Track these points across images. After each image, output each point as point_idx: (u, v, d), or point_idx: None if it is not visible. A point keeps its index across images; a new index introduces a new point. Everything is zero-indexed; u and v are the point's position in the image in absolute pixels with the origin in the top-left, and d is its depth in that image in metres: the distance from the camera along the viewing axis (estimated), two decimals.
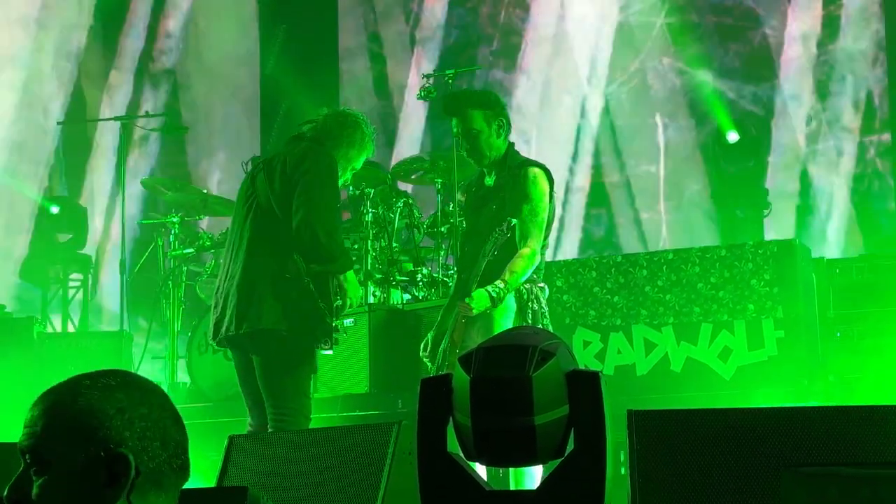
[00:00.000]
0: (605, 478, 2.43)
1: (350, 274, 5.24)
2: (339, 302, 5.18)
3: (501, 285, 5.04)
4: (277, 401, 5.14)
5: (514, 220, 5.08)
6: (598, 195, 10.58)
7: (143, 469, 1.90)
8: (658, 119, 10.32)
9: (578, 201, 10.58)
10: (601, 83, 10.54)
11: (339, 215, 5.22)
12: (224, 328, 5.19)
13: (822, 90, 9.86)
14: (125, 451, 1.88)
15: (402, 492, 3.45)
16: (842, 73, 9.71)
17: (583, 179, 10.59)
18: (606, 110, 10.48)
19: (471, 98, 5.35)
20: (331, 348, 5.22)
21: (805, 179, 9.80)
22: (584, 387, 2.45)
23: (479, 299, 5.03)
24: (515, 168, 5.27)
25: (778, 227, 9.25)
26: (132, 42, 11.82)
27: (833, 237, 9.37)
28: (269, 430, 5.10)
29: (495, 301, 5.04)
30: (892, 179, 9.32)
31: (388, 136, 11.06)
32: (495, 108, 5.31)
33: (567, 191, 10.42)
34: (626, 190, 10.46)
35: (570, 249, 10.26)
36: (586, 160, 10.58)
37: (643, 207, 10.42)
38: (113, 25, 11.79)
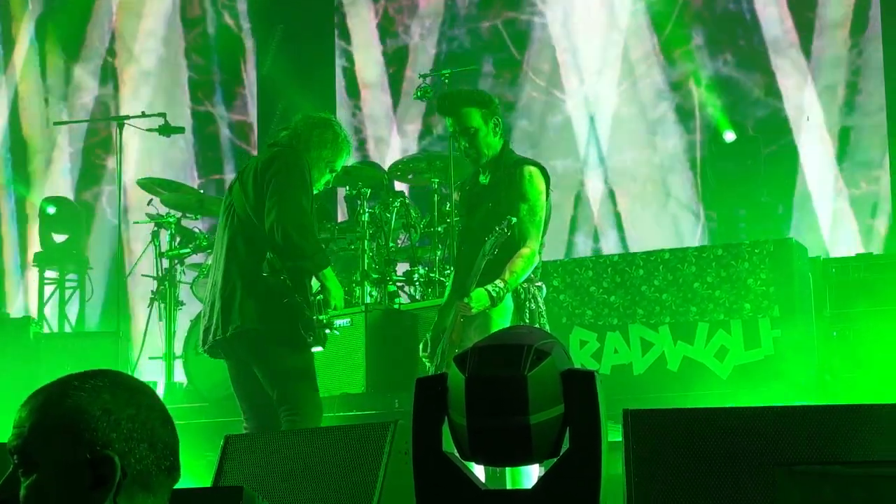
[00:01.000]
0: (599, 477, 2.43)
1: (328, 271, 5.29)
2: (319, 297, 5.23)
3: (501, 285, 5.05)
4: (285, 399, 5.19)
5: (514, 219, 5.08)
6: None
7: (130, 471, 1.88)
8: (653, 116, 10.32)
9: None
10: (595, 81, 10.54)
11: (311, 214, 5.25)
12: (212, 334, 5.28)
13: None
14: (111, 453, 1.87)
15: (399, 491, 3.45)
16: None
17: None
18: (601, 108, 10.48)
19: (467, 97, 5.34)
20: (318, 343, 5.24)
21: (802, 178, 9.80)
22: (579, 386, 2.45)
23: (478, 298, 5.04)
24: (511, 166, 5.27)
25: (775, 226, 9.25)
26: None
27: (829, 236, 9.37)
28: (283, 429, 5.13)
29: (495, 300, 5.04)
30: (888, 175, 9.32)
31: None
32: (491, 106, 5.31)
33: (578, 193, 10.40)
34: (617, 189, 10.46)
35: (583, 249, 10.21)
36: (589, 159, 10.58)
37: (639, 206, 10.41)
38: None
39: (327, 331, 5.26)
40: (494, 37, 10.73)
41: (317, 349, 5.30)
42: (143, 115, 8.69)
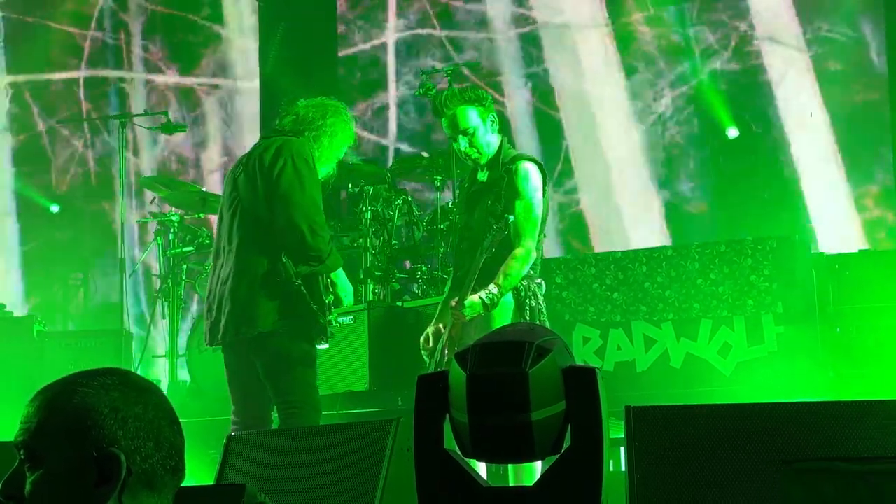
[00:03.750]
0: (601, 474, 2.43)
1: (339, 272, 5.25)
2: (330, 298, 5.20)
3: (495, 290, 5.03)
4: (285, 396, 5.16)
5: (511, 217, 5.07)
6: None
7: (136, 469, 1.89)
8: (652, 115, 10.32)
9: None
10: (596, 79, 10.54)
11: (321, 208, 5.18)
12: (221, 333, 5.20)
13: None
14: (117, 451, 1.88)
15: (401, 489, 3.45)
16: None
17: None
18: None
19: (463, 96, 5.30)
20: (327, 342, 5.25)
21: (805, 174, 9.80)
22: (581, 383, 2.45)
23: (471, 306, 5.03)
24: (508, 163, 5.25)
25: (777, 222, 9.24)
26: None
27: (833, 232, 9.36)
28: (279, 425, 5.13)
29: (488, 307, 5.04)
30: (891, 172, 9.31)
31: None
32: (486, 103, 5.30)
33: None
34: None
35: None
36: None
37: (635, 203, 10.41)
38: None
39: (331, 330, 5.26)
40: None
41: (324, 346, 5.30)
42: (146, 113, 8.70)
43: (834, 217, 9.31)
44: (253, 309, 5.11)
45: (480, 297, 5.02)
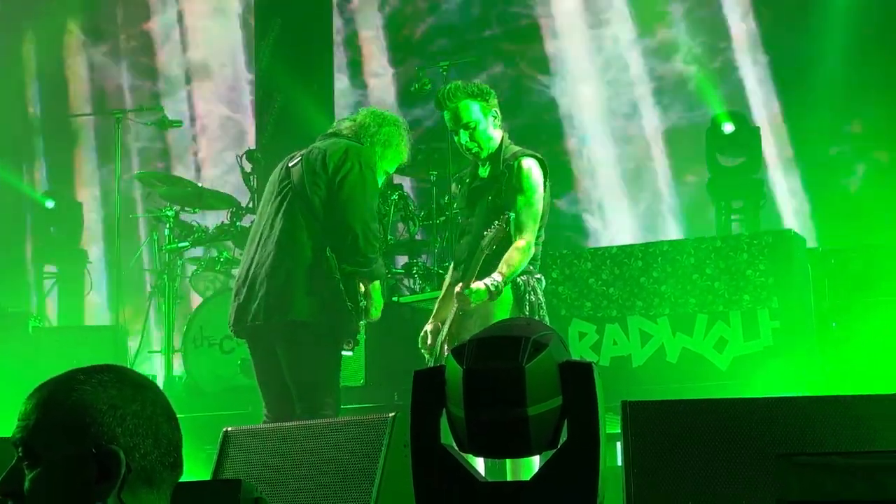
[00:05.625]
0: (598, 468, 2.43)
1: (376, 284, 5.25)
2: (363, 303, 5.19)
3: (499, 278, 5.04)
4: (308, 395, 5.12)
5: (512, 214, 5.07)
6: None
7: (135, 466, 1.89)
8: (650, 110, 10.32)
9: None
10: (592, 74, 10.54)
11: (377, 218, 5.25)
12: (251, 316, 5.15)
13: None
14: (116, 448, 1.88)
15: (398, 483, 3.45)
16: None
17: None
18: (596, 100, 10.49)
19: (465, 90, 5.29)
20: (351, 350, 5.23)
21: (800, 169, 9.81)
22: (577, 377, 2.45)
23: (477, 293, 5.03)
24: (509, 158, 5.25)
25: (773, 217, 9.25)
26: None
27: (826, 226, 9.37)
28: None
29: (493, 294, 5.04)
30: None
31: None
32: (489, 98, 5.29)
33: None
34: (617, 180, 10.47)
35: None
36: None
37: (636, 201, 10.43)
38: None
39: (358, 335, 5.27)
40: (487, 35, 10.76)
41: (348, 353, 5.27)
42: (142, 108, 8.68)
43: (829, 211, 9.34)
44: (289, 296, 5.09)
45: (486, 284, 5.02)
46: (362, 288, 5.20)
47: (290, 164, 5.34)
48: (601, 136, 10.44)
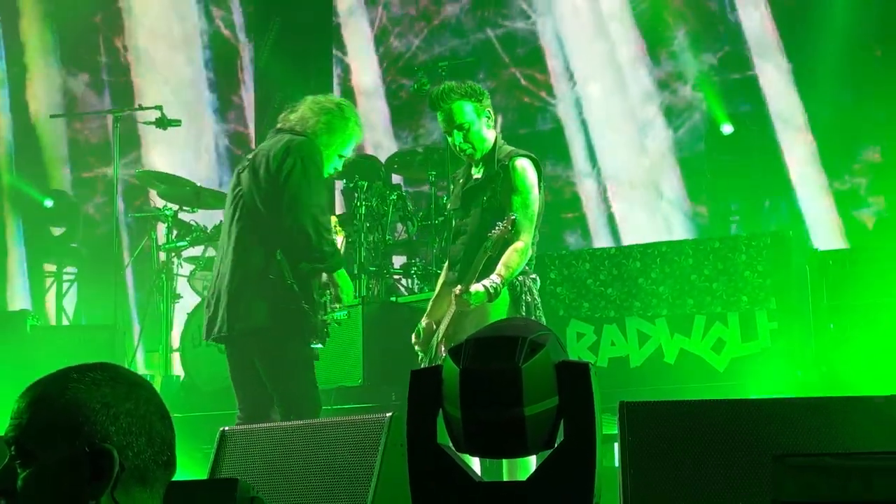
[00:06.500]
0: (594, 468, 2.43)
1: (341, 271, 5.27)
2: (327, 297, 5.20)
3: (498, 280, 5.04)
4: (285, 395, 5.21)
5: (515, 215, 5.07)
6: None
7: (128, 465, 1.89)
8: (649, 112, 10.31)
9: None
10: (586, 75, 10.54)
11: (326, 211, 5.24)
12: (217, 328, 5.25)
13: None
14: (109, 447, 1.87)
15: (395, 483, 3.45)
16: None
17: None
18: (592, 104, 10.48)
19: (458, 90, 5.28)
20: (321, 342, 5.25)
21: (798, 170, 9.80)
22: (574, 378, 2.45)
23: (476, 295, 5.03)
24: (504, 158, 5.25)
25: (772, 218, 9.24)
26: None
27: (826, 228, 9.36)
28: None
29: (492, 296, 5.04)
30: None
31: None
32: (483, 99, 5.29)
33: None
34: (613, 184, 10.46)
35: None
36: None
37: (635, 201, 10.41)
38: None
39: (326, 329, 5.27)
40: (486, 45, 10.73)
41: (319, 345, 5.31)
42: (140, 108, 8.68)
43: (829, 212, 9.33)
44: (244, 304, 5.17)
45: (484, 286, 5.02)
46: (324, 277, 5.25)
47: (239, 170, 5.40)
48: (613, 148, 10.41)
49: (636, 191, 10.22)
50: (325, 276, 5.28)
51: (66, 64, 11.82)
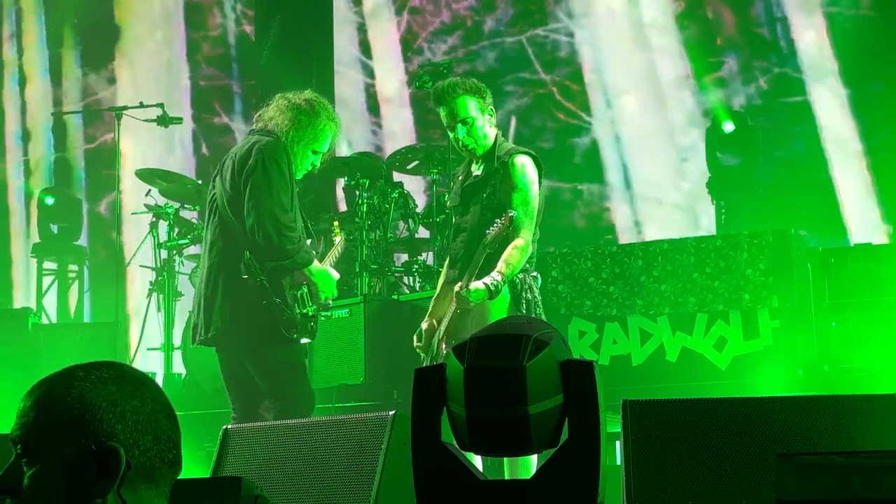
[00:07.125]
0: (598, 467, 2.43)
1: (311, 266, 5.29)
2: (303, 291, 5.22)
3: (499, 277, 5.04)
4: (276, 391, 5.26)
5: (514, 212, 5.07)
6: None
7: (135, 463, 1.89)
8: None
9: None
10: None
11: (291, 210, 5.22)
12: (198, 332, 5.35)
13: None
14: (116, 445, 1.87)
15: (398, 481, 3.45)
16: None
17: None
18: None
19: (461, 86, 5.29)
20: (305, 335, 5.27)
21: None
22: (578, 376, 2.45)
23: (476, 292, 5.03)
24: (504, 155, 5.25)
25: (772, 216, 9.23)
26: None
27: (829, 226, 9.36)
28: (273, 420, 5.16)
29: (493, 294, 5.04)
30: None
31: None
32: (485, 95, 5.30)
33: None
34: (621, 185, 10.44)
35: None
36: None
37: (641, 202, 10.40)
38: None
39: (312, 324, 5.29)
40: (520, 54, 10.67)
41: (305, 340, 5.32)
42: (141, 105, 8.67)
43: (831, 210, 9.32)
44: (218, 306, 5.24)
45: (485, 284, 5.01)
46: (299, 277, 5.28)
47: (214, 175, 5.47)
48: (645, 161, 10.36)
49: (672, 217, 10.17)
50: (298, 273, 5.29)
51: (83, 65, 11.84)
